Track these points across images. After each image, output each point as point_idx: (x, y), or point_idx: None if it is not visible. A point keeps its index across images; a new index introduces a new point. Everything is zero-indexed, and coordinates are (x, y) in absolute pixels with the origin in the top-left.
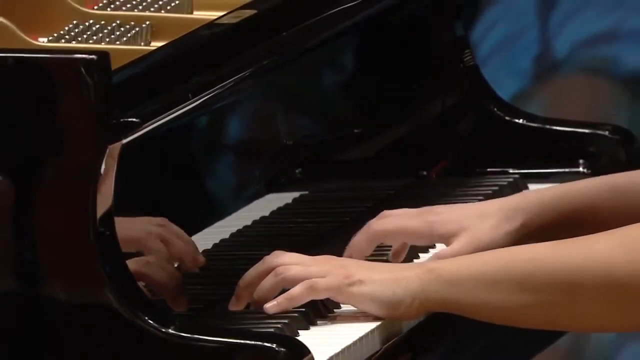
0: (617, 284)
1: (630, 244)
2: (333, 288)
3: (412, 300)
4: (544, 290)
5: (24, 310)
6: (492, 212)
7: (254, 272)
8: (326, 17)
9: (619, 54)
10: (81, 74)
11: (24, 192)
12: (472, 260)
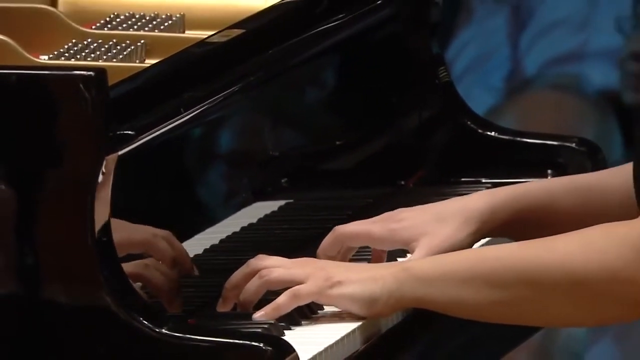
0: (577, 282)
1: (589, 244)
2: (315, 293)
3: (388, 298)
4: (511, 288)
5: (25, 311)
6: (451, 215)
7: (239, 275)
8: (309, 36)
9: (585, 72)
10: (80, 89)
11: (26, 200)
12: (445, 259)
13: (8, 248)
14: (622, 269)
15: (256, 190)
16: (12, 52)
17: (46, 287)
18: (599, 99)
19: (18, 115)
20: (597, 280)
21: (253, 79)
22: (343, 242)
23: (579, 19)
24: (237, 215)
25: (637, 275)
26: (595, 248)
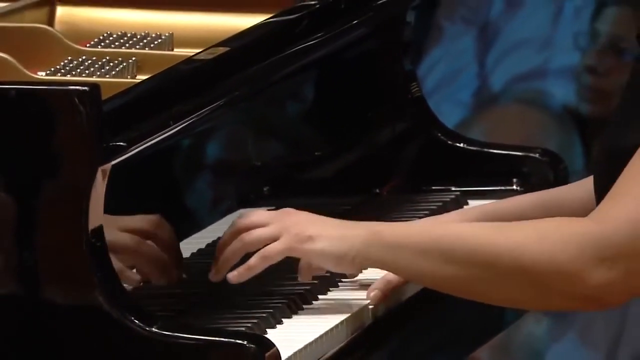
0: (527, 268)
1: (542, 233)
2: (285, 250)
3: (355, 256)
4: (465, 266)
5: (24, 311)
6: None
7: (226, 237)
8: (290, 54)
9: (547, 88)
10: (75, 103)
11: (24, 207)
12: (412, 229)
13: (7, 251)
14: (567, 263)
15: (240, 197)
16: (12, 69)
17: (43, 288)
18: (560, 113)
19: (17, 127)
20: (543, 270)
21: (237, 93)
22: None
23: (542, 39)
24: (222, 221)
25: (577, 271)
26: (546, 240)
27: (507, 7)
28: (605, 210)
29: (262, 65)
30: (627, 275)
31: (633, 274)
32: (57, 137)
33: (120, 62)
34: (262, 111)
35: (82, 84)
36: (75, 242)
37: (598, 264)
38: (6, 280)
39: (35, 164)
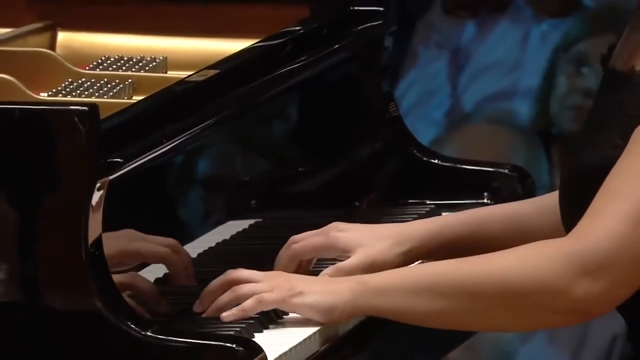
0: (513, 293)
1: (524, 259)
2: (278, 300)
3: (344, 307)
4: (454, 299)
5: (27, 316)
6: (388, 235)
7: (217, 283)
8: (276, 76)
9: (516, 108)
10: (75, 122)
11: (27, 219)
12: (397, 273)
13: (12, 260)
14: (552, 281)
15: (229, 210)
16: (16, 90)
17: (45, 295)
18: (528, 131)
19: (21, 144)
20: (531, 291)
21: (227, 113)
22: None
23: (510, 62)
24: (212, 232)
25: (564, 287)
26: (529, 263)
27: (478, 33)
28: (584, 228)
29: (250, 86)
30: (611, 286)
31: (616, 284)
32: (58, 153)
33: (118, 84)
34: (250, 129)
35: (81, 104)
36: (75, 252)
37: (582, 278)
38: (11, 287)
39: (37, 179)
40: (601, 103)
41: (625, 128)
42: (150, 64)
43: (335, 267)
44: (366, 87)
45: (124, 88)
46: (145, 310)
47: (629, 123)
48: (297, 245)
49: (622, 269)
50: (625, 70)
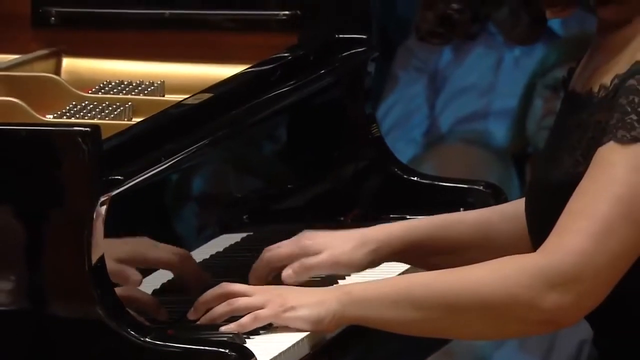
0: (486, 305)
1: (495, 273)
2: (272, 316)
3: (332, 317)
4: (431, 309)
5: (33, 323)
6: (353, 238)
7: (212, 294)
8: (266, 99)
9: (489, 129)
10: (78, 142)
11: (34, 233)
12: (379, 285)
13: (20, 272)
14: (522, 294)
15: (222, 224)
16: (23, 112)
17: (50, 304)
18: (500, 151)
19: (28, 162)
20: (502, 303)
21: (220, 134)
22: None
23: (484, 86)
24: (207, 245)
25: (534, 299)
26: (500, 276)
27: (454, 58)
28: (552, 244)
29: (242, 109)
30: (577, 299)
31: (582, 297)
32: (62, 171)
33: (118, 107)
34: (242, 149)
35: (84, 125)
36: (79, 263)
37: (550, 291)
38: (18, 296)
39: (43, 195)
40: (562, 123)
41: (586, 148)
42: (149, 88)
43: (300, 262)
44: (350, 109)
45: (124, 110)
46: (145, 318)
47: (590, 144)
48: (269, 254)
49: (587, 283)
50: (584, 92)
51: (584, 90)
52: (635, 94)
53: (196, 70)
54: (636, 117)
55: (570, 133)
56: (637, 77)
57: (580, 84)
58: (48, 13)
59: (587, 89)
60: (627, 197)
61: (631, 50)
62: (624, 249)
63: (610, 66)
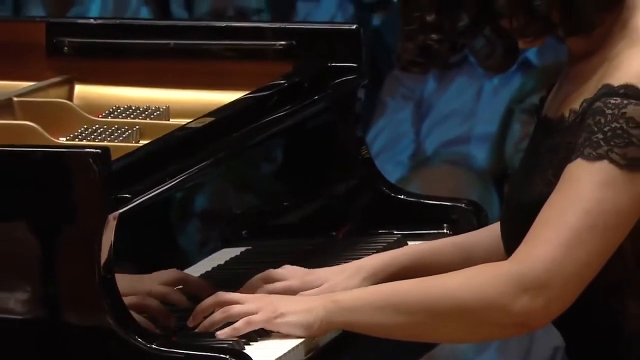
0: (463, 309)
1: (471, 280)
2: (264, 321)
3: (320, 323)
4: (412, 315)
5: (47, 331)
6: (345, 269)
7: (209, 302)
8: (264, 123)
9: (471, 152)
10: (89, 163)
11: (48, 247)
12: (363, 292)
13: (35, 283)
14: (495, 299)
15: (223, 239)
16: (39, 135)
17: (63, 313)
18: (481, 171)
19: (43, 182)
20: (477, 307)
21: (221, 155)
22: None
23: (466, 112)
24: (209, 258)
25: (506, 303)
26: (475, 283)
27: (438, 86)
28: (522, 252)
29: (241, 132)
30: (547, 303)
31: (551, 301)
32: (75, 190)
33: (126, 130)
34: (242, 169)
35: (95, 147)
36: (90, 275)
37: (521, 296)
38: (34, 305)
39: (56, 212)
40: (535, 146)
41: (557, 168)
42: (155, 113)
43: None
44: (342, 132)
45: (132, 133)
46: (155, 325)
47: (561, 164)
48: (275, 285)
49: (556, 288)
50: (556, 118)
51: (556, 116)
52: (601, 115)
53: (199, 96)
54: (602, 136)
55: (543, 156)
56: (603, 99)
57: (552, 110)
58: (61, 43)
59: (559, 114)
60: (594, 210)
61: (598, 76)
62: (591, 258)
63: (580, 92)
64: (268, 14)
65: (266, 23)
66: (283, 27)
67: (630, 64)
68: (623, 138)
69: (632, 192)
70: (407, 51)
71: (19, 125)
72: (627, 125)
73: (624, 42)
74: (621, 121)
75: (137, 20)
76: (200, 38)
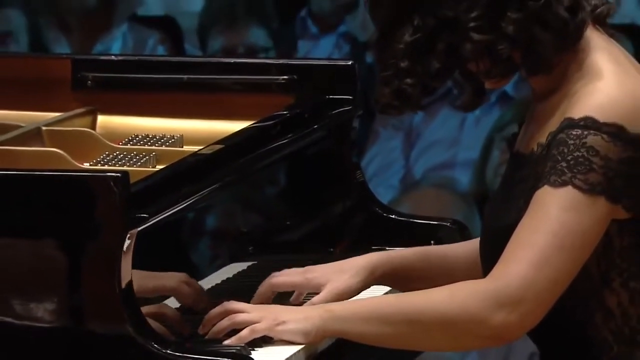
0: (444, 321)
1: (453, 295)
2: (266, 329)
3: (317, 331)
4: (399, 325)
5: (72, 337)
6: (347, 269)
7: (216, 311)
8: (268, 150)
9: (455, 176)
10: (110, 186)
11: (73, 261)
12: (356, 304)
13: (61, 294)
14: (474, 313)
15: (231, 255)
16: (65, 161)
17: (87, 321)
18: (464, 194)
19: (68, 203)
20: (459, 320)
21: (230, 178)
22: (276, 290)
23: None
24: (218, 272)
25: (484, 317)
26: (457, 298)
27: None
28: (499, 271)
29: (247, 158)
30: (521, 317)
31: (526, 315)
32: (97, 210)
33: (144, 156)
34: (248, 191)
35: (115, 171)
36: (111, 287)
37: (498, 310)
38: (60, 315)
39: (81, 230)
40: (508, 179)
41: (527, 196)
42: (170, 140)
43: (311, 302)
44: (338, 158)
45: (149, 159)
46: (170, 331)
47: (531, 192)
48: (277, 279)
49: (529, 303)
50: (526, 152)
51: (527, 151)
52: (564, 145)
53: (209, 126)
54: (566, 164)
55: (515, 186)
56: (566, 131)
57: (523, 145)
58: (85, 78)
59: (529, 149)
60: (560, 232)
61: (561, 111)
62: (560, 275)
63: (545, 127)
64: (273, 52)
65: (270, 59)
66: (285, 63)
67: (589, 98)
68: (585, 165)
69: (594, 214)
70: (384, 96)
71: (47, 151)
72: (588, 154)
73: (582, 79)
74: (582, 150)
75: (154, 56)
76: (210, 73)
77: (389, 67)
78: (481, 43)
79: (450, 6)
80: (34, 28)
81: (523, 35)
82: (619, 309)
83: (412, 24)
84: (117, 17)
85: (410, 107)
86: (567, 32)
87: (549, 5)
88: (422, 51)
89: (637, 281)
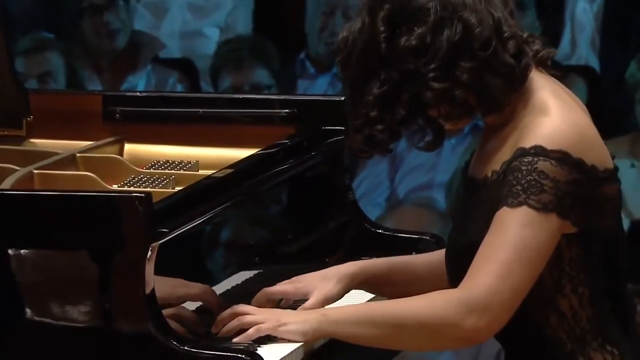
0: (423, 325)
1: (431, 302)
2: (269, 329)
3: (313, 332)
4: (384, 328)
5: (101, 337)
6: (331, 276)
7: (227, 313)
8: (272, 173)
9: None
10: (135, 205)
11: (103, 270)
12: (348, 309)
13: (92, 298)
14: (449, 317)
15: (240, 264)
16: (96, 183)
17: (115, 322)
18: (441, 211)
19: (99, 219)
20: (435, 324)
21: (239, 198)
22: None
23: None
24: (229, 279)
25: (457, 322)
26: (434, 305)
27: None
28: (467, 282)
29: (255, 180)
30: (489, 322)
31: (493, 320)
32: (124, 226)
33: (165, 179)
34: (255, 209)
35: (140, 192)
36: (136, 292)
37: (469, 316)
38: (92, 316)
39: (110, 243)
40: (465, 202)
41: (487, 218)
42: (187, 165)
43: (303, 307)
44: (333, 180)
45: (169, 182)
46: (187, 330)
47: (490, 215)
48: (270, 288)
49: (495, 310)
50: (480, 177)
51: (481, 176)
52: (518, 172)
53: (221, 152)
54: (520, 187)
55: (472, 209)
56: (519, 159)
57: (477, 171)
58: (114, 111)
59: (483, 175)
60: (519, 247)
61: (512, 142)
62: (521, 284)
63: (498, 156)
64: (276, 89)
65: (274, 95)
66: (287, 99)
67: (537, 130)
68: (537, 187)
69: (547, 229)
70: (356, 142)
71: (81, 175)
72: (539, 177)
73: (530, 114)
74: (534, 174)
75: (174, 93)
76: (222, 107)
77: (360, 116)
78: (440, 90)
79: (411, 61)
80: (70, 69)
81: (476, 81)
82: (571, 311)
83: (378, 78)
84: (142, 59)
85: (379, 152)
86: (514, 76)
87: (496, 54)
88: (388, 101)
89: (585, 287)
